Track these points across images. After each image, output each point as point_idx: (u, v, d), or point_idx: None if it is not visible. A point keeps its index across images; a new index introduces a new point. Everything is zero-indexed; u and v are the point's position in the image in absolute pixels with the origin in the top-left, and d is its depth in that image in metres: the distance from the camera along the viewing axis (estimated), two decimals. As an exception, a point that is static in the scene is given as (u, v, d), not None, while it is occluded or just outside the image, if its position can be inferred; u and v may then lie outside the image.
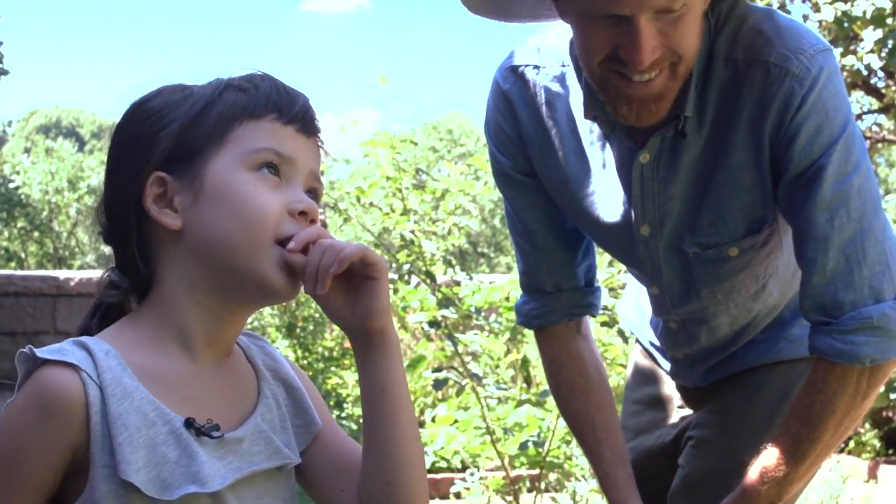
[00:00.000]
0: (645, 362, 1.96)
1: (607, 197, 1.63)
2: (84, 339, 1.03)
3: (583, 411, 1.76)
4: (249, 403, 1.13)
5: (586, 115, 1.57)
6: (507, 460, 4.17)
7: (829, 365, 1.49)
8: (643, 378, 1.95)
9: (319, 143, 1.14)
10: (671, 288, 1.67)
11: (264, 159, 1.07)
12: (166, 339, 1.08)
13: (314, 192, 1.13)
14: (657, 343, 1.86)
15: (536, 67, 1.64)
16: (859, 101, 7.64)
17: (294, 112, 1.10)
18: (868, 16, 6.44)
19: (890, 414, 5.62)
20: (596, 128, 1.60)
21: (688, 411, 1.86)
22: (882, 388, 5.71)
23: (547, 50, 1.64)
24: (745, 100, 1.47)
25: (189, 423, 1.04)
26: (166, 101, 1.10)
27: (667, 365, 1.87)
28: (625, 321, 2.06)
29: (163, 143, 1.07)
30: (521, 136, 1.68)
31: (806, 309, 1.51)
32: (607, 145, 1.61)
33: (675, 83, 1.43)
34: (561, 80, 1.62)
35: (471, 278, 4.30)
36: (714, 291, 1.64)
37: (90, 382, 0.99)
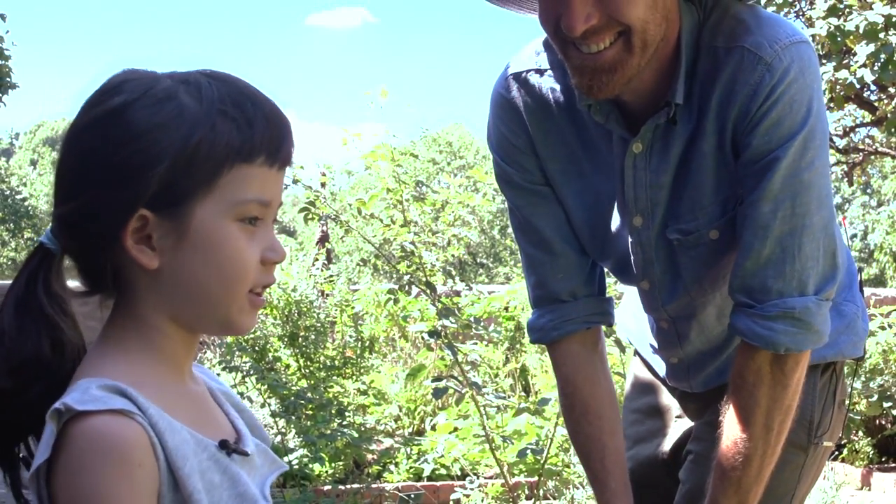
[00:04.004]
0: (643, 372, 1.95)
1: (611, 192, 1.63)
2: (104, 380, 0.97)
3: (594, 436, 1.73)
4: (224, 421, 1.13)
5: (580, 105, 1.56)
6: (506, 468, 4.17)
7: (743, 360, 1.54)
8: (642, 388, 1.95)
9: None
10: (661, 281, 1.66)
11: (250, 213, 1.04)
12: (161, 367, 1.05)
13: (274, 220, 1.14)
14: (655, 345, 1.84)
15: (539, 72, 1.62)
16: (852, 113, 7.71)
17: (281, 153, 1.06)
18: (861, 30, 6.49)
19: (883, 422, 5.68)
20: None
21: (686, 421, 1.87)
22: (876, 397, 5.70)
23: (546, 53, 1.63)
24: (717, 85, 1.47)
25: (223, 445, 1.03)
26: (150, 120, 1.00)
27: (662, 369, 1.86)
28: (622, 329, 2.04)
29: (153, 182, 0.99)
30: (531, 143, 1.65)
31: (734, 288, 1.54)
32: (610, 139, 1.60)
33: (631, 56, 1.42)
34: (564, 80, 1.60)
35: (470, 288, 4.34)
36: (700, 280, 1.64)
37: (144, 423, 0.95)
